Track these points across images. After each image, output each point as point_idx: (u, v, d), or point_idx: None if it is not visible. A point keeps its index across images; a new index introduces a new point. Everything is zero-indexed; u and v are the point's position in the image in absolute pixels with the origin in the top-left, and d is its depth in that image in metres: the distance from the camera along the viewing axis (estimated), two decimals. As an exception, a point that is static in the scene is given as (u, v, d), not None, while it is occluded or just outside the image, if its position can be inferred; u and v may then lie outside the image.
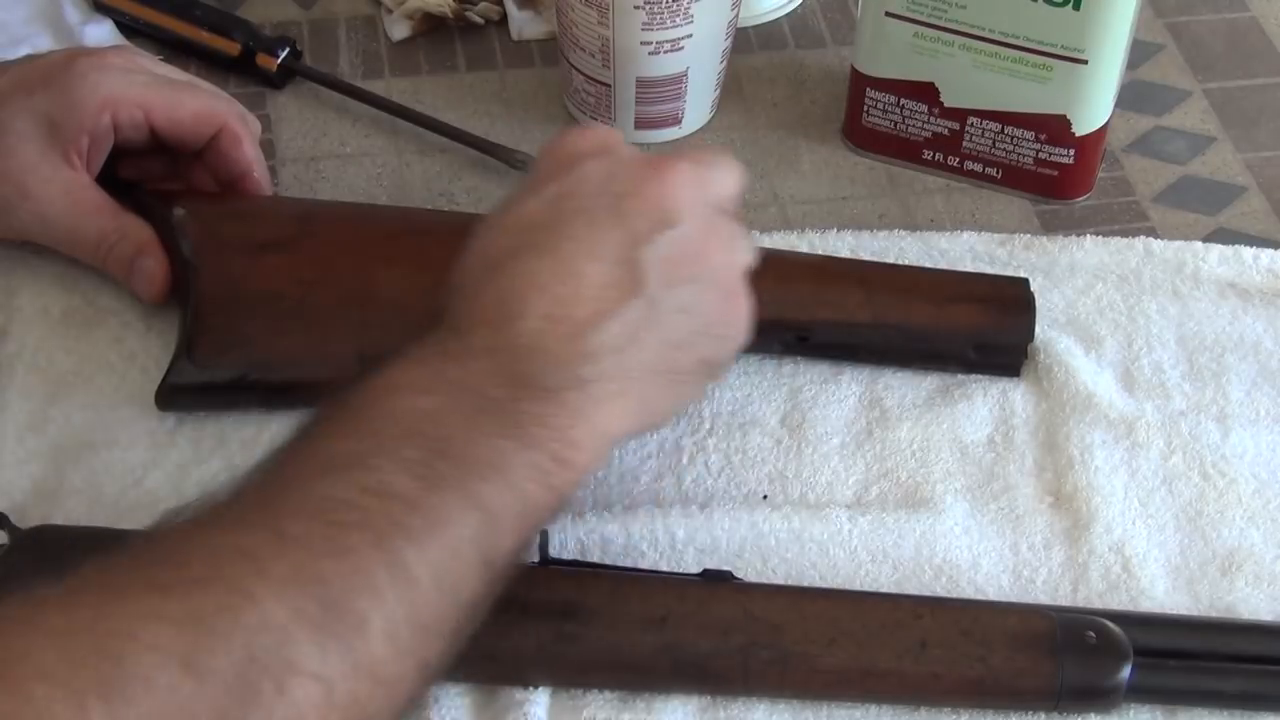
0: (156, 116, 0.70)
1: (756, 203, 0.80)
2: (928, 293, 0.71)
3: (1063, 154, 0.79)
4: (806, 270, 0.72)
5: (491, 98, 0.85)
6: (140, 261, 0.70)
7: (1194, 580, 0.65)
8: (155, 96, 0.70)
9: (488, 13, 0.89)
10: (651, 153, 0.60)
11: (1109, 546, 0.65)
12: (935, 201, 0.81)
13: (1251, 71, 0.89)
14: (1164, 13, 0.92)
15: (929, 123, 0.80)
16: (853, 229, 0.78)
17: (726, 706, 0.59)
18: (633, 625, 0.58)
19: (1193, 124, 0.86)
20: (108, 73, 0.69)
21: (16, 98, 0.68)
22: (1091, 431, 0.69)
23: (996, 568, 0.65)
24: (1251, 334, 0.74)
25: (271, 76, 0.84)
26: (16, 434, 0.67)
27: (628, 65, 0.79)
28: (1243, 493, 0.67)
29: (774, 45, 0.89)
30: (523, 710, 0.58)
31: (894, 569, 0.64)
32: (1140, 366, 0.72)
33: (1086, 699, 0.59)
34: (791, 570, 0.64)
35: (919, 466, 0.68)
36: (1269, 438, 0.70)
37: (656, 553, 0.64)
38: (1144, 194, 0.82)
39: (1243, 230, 0.80)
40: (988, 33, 0.75)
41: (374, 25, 0.89)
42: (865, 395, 0.71)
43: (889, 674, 0.58)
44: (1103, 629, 0.59)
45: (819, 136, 0.84)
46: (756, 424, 0.69)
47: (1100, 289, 0.75)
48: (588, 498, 0.66)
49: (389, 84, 0.86)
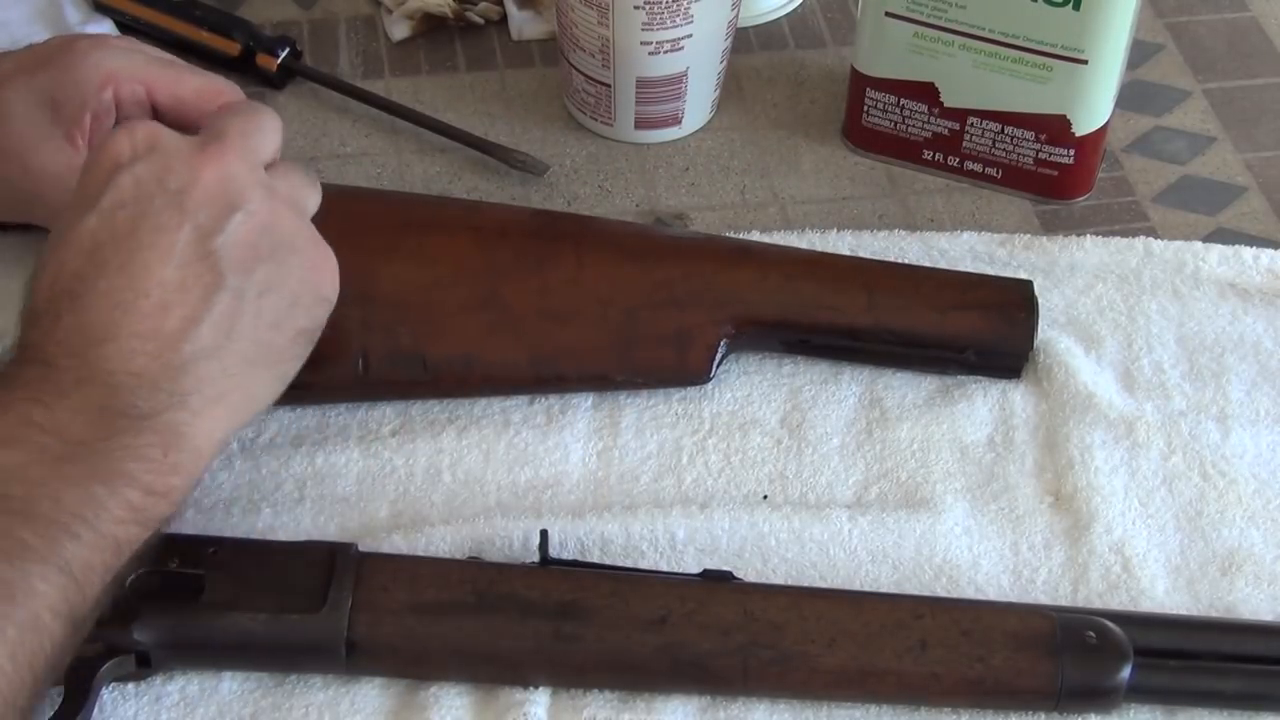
0: (159, 92, 0.69)
1: (756, 203, 0.80)
2: (931, 298, 0.71)
3: (1063, 154, 0.79)
4: (809, 271, 0.71)
5: (491, 98, 0.85)
6: None
7: (1194, 580, 0.65)
8: (157, 73, 0.69)
9: (488, 13, 0.89)
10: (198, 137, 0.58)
11: (1109, 546, 0.65)
12: (935, 201, 0.81)
13: (1251, 71, 0.89)
14: (1164, 13, 0.92)
15: (929, 123, 0.80)
16: (853, 229, 0.78)
17: (726, 707, 0.59)
18: (633, 625, 0.58)
19: (1193, 124, 0.86)
20: (109, 51, 0.69)
21: (18, 79, 0.68)
22: (1091, 431, 0.69)
23: (996, 568, 0.65)
24: (1251, 334, 0.74)
25: (271, 76, 0.84)
26: (16, 434, 0.67)
27: (628, 65, 0.79)
28: (1243, 493, 0.67)
29: (774, 45, 0.89)
30: (523, 710, 0.58)
31: (894, 569, 0.64)
32: (1140, 366, 0.72)
33: (1086, 699, 0.59)
34: (791, 570, 0.64)
35: (919, 467, 0.68)
36: (1269, 438, 0.70)
37: (656, 553, 0.64)
38: (1144, 194, 0.82)
39: (1243, 230, 0.80)
40: (988, 33, 0.75)
41: (374, 25, 0.89)
42: (865, 395, 0.71)
43: (889, 674, 0.58)
44: (1103, 629, 0.59)
45: (819, 136, 0.84)
46: (756, 424, 0.69)
47: (1100, 289, 0.75)
48: (588, 498, 0.66)
49: (389, 84, 0.86)
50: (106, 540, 0.51)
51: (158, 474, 0.53)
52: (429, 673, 0.59)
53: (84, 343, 0.53)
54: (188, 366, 0.54)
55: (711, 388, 0.70)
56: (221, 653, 0.59)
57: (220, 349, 0.55)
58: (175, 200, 0.55)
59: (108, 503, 0.52)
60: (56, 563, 0.50)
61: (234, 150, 0.57)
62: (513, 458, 0.67)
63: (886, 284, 0.71)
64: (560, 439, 0.68)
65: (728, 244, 0.72)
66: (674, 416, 0.69)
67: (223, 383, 0.56)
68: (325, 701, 0.59)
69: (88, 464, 0.52)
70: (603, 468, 0.67)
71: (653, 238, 0.72)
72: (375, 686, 0.59)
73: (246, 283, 0.56)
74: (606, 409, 0.70)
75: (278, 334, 0.58)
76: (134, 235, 0.55)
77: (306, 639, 0.57)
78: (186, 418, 0.54)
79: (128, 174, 0.56)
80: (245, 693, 0.59)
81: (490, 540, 0.63)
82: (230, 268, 0.55)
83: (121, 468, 0.52)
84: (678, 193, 0.81)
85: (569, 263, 0.69)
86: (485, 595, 0.58)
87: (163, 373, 0.54)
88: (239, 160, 0.57)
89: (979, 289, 0.72)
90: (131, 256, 0.54)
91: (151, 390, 0.54)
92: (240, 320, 0.56)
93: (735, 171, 0.82)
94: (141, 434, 0.53)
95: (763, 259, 0.71)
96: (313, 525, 0.65)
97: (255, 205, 0.56)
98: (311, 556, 0.59)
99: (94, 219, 0.55)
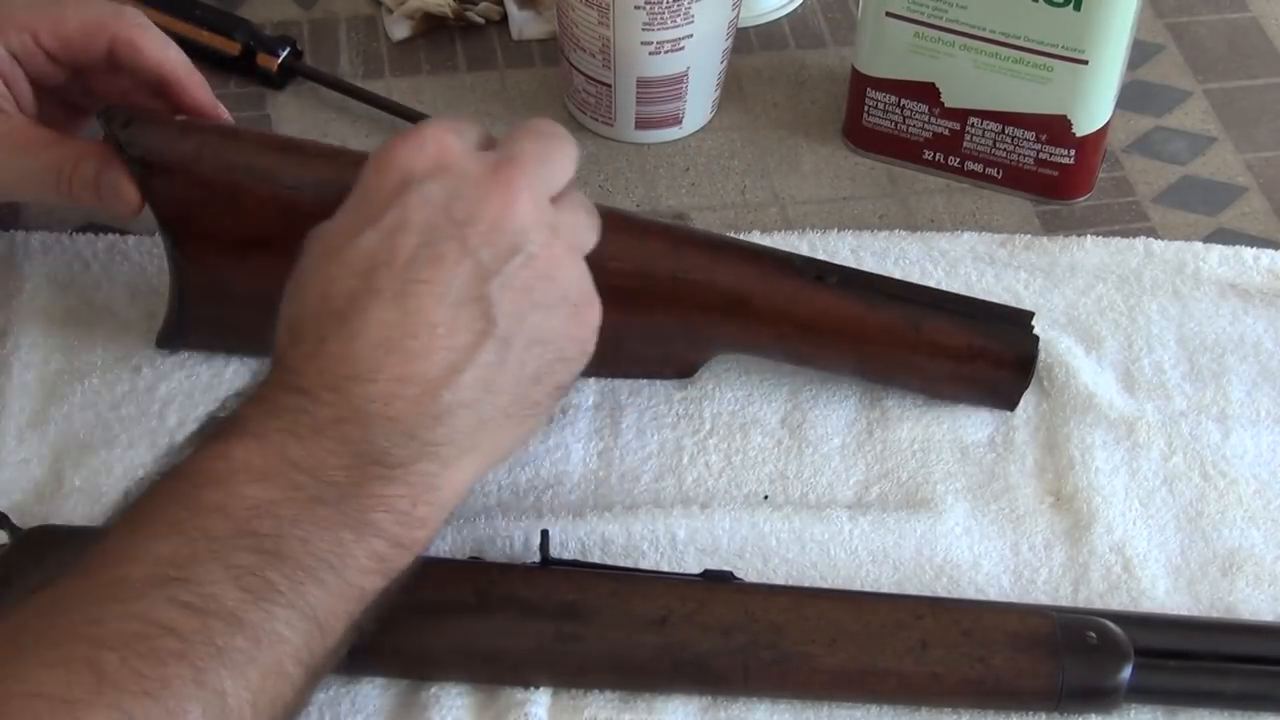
0: (43, 37, 0.66)
1: (756, 203, 0.80)
2: (923, 369, 0.68)
3: (1063, 154, 0.79)
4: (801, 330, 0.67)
5: (491, 98, 0.85)
6: (107, 178, 0.64)
7: (1194, 580, 0.65)
8: (38, 16, 0.66)
9: (488, 13, 0.89)
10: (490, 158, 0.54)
11: (1109, 547, 0.65)
12: (936, 202, 0.81)
13: (1251, 71, 0.89)
14: (1164, 13, 0.92)
15: (929, 123, 0.80)
16: (853, 229, 0.78)
17: (727, 707, 0.59)
18: (633, 625, 0.58)
19: (1193, 124, 0.86)
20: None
21: None
22: (1092, 432, 0.69)
23: (997, 568, 0.65)
24: (1252, 334, 0.74)
25: (272, 76, 0.84)
26: (16, 434, 0.67)
27: (628, 65, 0.79)
28: (1243, 493, 0.68)
29: (774, 45, 0.89)
30: (523, 710, 0.58)
31: (895, 569, 0.64)
32: (1141, 367, 0.72)
33: (1087, 699, 0.59)
34: (792, 570, 0.64)
35: (919, 467, 0.68)
36: (1269, 438, 0.70)
37: (657, 553, 0.64)
38: (1144, 194, 0.82)
39: (1243, 230, 0.80)
40: (988, 33, 0.75)
41: (374, 25, 0.89)
42: (865, 395, 0.71)
43: (889, 674, 0.58)
44: (1103, 629, 0.59)
45: (819, 136, 0.84)
46: (757, 424, 0.69)
47: (1101, 289, 0.75)
48: (589, 498, 0.66)
49: (389, 84, 0.86)
50: (352, 590, 0.50)
51: (405, 527, 0.52)
52: (430, 673, 0.59)
53: (347, 378, 0.51)
54: (444, 417, 0.52)
55: (712, 388, 0.70)
56: (222, 653, 0.59)
57: (479, 401, 0.53)
58: (458, 232, 0.52)
59: (355, 551, 0.50)
60: (303, 609, 0.48)
61: (525, 180, 0.53)
62: (513, 458, 0.67)
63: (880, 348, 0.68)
64: (561, 439, 0.68)
65: (724, 286, 0.67)
66: (674, 416, 0.69)
67: (477, 435, 0.53)
68: (325, 701, 0.59)
69: (339, 509, 0.50)
70: (603, 468, 0.67)
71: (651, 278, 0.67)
72: (376, 686, 0.59)
73: (517, 332, 0.53)
74: (607, 409, 0.70)
75: (537, 388, 0.55)
76: (413, 264, 0.52)
77: (307, 639, 0.57)
78: (437, 469, 0.52)
79: (416, 193, 0.53)
80: (246, 693, 0.59)
81: (491, 540, 0.63)
82: (502, 314, 0.53)
83: (371, 517, 0.51)
84: (678, 193, 0.81)
85: None
86: (486, 595, 0.58)
87: (419, 421, 0.52)
88: (528, 193, 0.53)
89: (977, 361, 0.68)
90: (406, 288, 0.51)
91: (407, 439, 0.51)
92: (504, 372, 0.53)
93: (735, 171, 0.82)
94: (393, 484, 0.51)
95: (759, 311, 0.67)
96: (313, 525, 0.64)
97: (537, 249, 0.53)
98: (312, 556, 0.59)
99: (375, 237, 0.52)
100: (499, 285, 0.53)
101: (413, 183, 0.53)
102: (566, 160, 0.56)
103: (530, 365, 0.54)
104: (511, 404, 0.54)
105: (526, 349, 0.54)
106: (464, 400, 0.52)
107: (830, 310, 0.67)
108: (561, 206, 0.56)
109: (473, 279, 0.52)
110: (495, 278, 0.52)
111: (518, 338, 0.53)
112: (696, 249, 0.67)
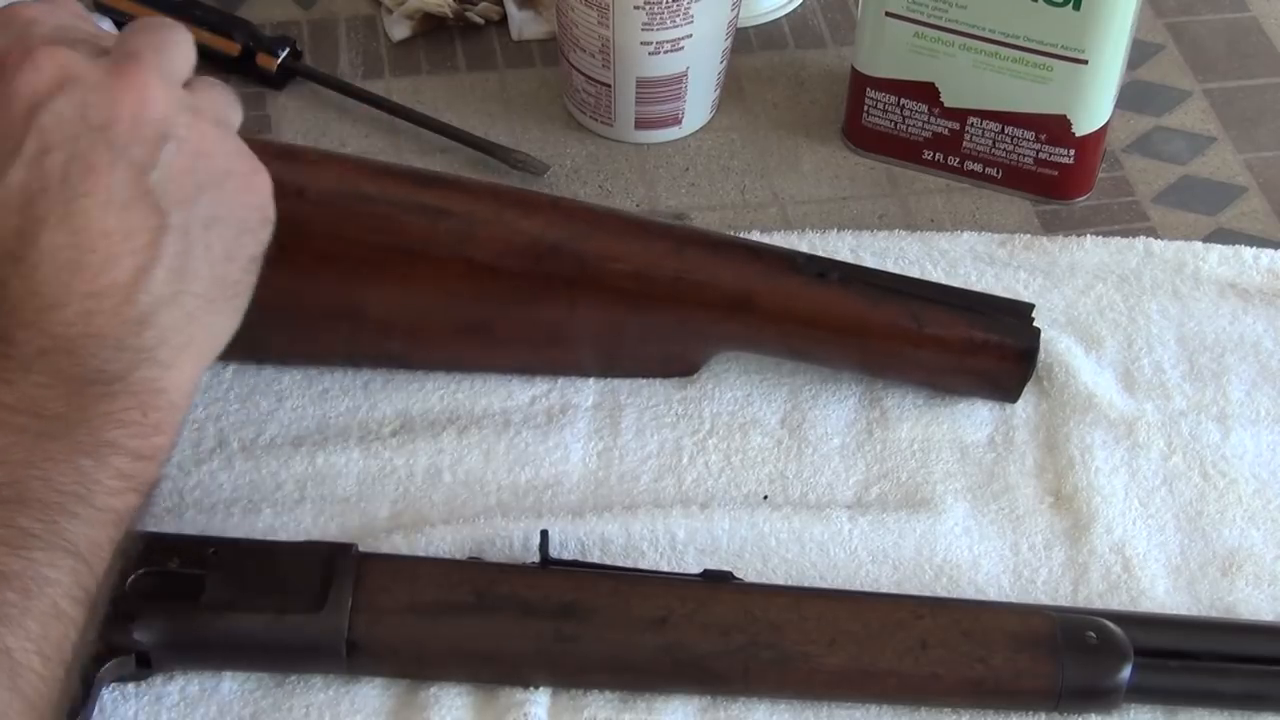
0: None
1: (756, 203, 0.80)
2: (926, 363, 0.68)
3: (1063, 154, 0.79)
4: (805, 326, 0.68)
5: (491, 98, 0.85)
6: None
7: (1194, 580, 0.65)
8: None
9: (488, 13, 0.89)
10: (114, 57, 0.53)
11: (1109, 547, 0.65)
12: (935, 201, 0.81)
13: (1251, 71, 0.89)
14: (1164, 13, 0.92)
15: (929, 123, 0.80)
16: (853, 229, 0.78)
17: (727, 707, 0.59)
18: (633, 625, 0.58)
19: (1193, 124, 0.86)
20: None
21: None
22: (1092, 432, 0.69)
23: (997, 568, 0.65)
24: (1252, 334, 0.74)
25: (271, 76, 0.84)
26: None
27: (628, 65, 0.79)
28: (1243, 493, 0.68)
29: (774, 45, 0.89)
30: (523, 710, 0.58)
31: (894, 569, 0.64)
32: (1140, 367, 0.72)
33: (1087, 699, 0.59)
34: (792, 570, 0.64)
35: (919, 467, 0.68)
36: (1269, 438, 0.70)
37: (657, 553, 0.64)
38: (1144, 194, 0.82)
39: (1243, 230, 0.80)
40: (988, 33, 0.75)
41: (374, 25, 0.89)
42: (865, 395, 0.71)
43: (889, 674, 0.58)
44: (1103, 629, 0.59)
45: (819, 136, 0.84)
46: (756, 424, 0.69)
47: (1100, 289, 0.75)
48: (588, 498, 0.66)
49: (389, 84, 0.86)
50: (106, 514, 0.50)
51: (142, 436, 0.51)
52: (429, 673, 0.59)
53: (39, 310, 0.50)
54: (147, 319, 0.51)
55: (712, 388, 0.70)
56: (221, 653, 0.59)
57: (178, 294, 0.52)
58: (102, 137, 0.51)
59: (98, 475, 0.50)
60: (62, 546, 0.48)
61: (151, 71, 0.52)
62: (513, 458, 0.67)
63: (883, 345, 0.68)
64: (560, 439, 0.68)
65: (727, 286, 0.67)
66: (674, 416, 0.69)
67: (187, 329, 0.53)
68: (325, 702, 0.59)
69: (69, 438, 0.50)
70: (603, 468, 0.67)
71: (654, 279, 0.67)
72: (375, 687, 0.59)
73: (191, 217, 0.52)
74: (607, 409, 0.70)
75: (231, 266, 0.54)
76: (67, 182, 0.50)
77: (307, 639, 0.57)
78: (158, 373, 0.52)
79: (48, 114, 0.51)
80: (245, 693, 0.59)
81: (490, 540, 0.63)
82: (172, 203, 0.52)
83: (104, 436, 0.50)
84: (678, 193, 0.81)
85: (562, 304, 0.67)
86: (485, 595, 0.58)
87: (124, 329, 0.51)
88: (158, 82, 0.52)
89: (979, 353, 0.68)
90: (69, 207, 0.50)
91: (117, 350, 0.51)
92: (192, 259, 0.52)
93: (735, 171, 0.82)
94: (117, 399, 0.51)
95: (762, 309, 0.67)
96: (313, 526, 0.65)
97: (185, 130, 0.52)
98: (312, 557, 0.59)
99: (21, 169, 0.51)
100: (159, 177, 0.52)
101: (40, 106, 0.51)
102: (184, 45, 0.55)
103: (217, 245, 0.54)
104: (211, 288, 0.54)
105: (207, 230, 0.53)
106: (162, 298, 0.52)
107: (832, 306, 0.67)
108: (195, 89, 0.55)
109: (131, 178, 0.51)
110: (153, 170, 0.52)
111: (194, 222, 0.53)
112: (698, 248, 0.67)
